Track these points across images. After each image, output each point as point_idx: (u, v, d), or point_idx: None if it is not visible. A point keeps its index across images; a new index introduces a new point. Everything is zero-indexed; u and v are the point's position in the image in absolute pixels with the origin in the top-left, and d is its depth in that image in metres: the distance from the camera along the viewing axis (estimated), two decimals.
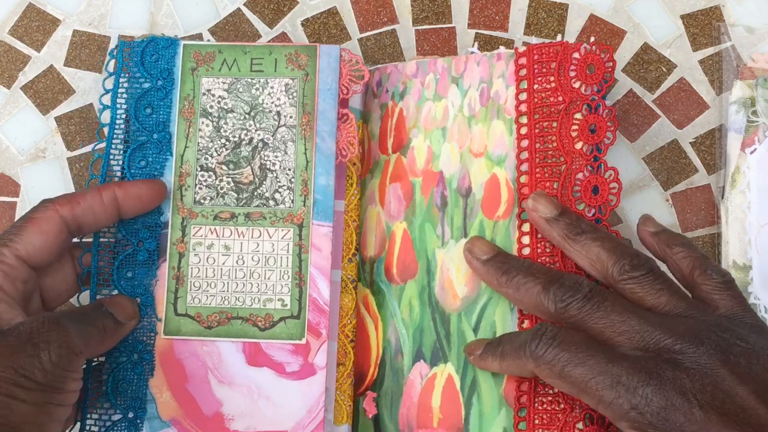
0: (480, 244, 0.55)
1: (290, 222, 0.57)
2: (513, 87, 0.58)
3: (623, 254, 0.50)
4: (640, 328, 0.47)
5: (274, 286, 0.57)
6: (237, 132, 0.59)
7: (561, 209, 0.53)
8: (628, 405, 0.44)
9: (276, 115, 0.59)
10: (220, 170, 0.58)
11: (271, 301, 0.57)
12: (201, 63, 0.60)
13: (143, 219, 0.58)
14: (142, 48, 0.60)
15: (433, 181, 0.59)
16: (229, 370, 0.56)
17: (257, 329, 0.56)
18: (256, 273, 0.57)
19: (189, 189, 0.58)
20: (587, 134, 0.55)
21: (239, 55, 0.60)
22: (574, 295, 0.49)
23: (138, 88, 0.60)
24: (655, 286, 0.49)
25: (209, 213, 0.58)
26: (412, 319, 0.57)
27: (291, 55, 0.59)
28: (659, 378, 0.44)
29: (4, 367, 0.45)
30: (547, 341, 0.48)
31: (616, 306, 0.48)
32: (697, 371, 0.44)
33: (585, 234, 0.51)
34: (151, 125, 0.59)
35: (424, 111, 0.60)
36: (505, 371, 0.52)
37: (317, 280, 0.56)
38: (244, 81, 0.59)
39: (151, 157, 0.59)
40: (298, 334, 0.56)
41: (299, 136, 0.58)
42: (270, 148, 0.58)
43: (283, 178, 0.58)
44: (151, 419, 0.56)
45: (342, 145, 0.58)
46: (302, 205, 0.57)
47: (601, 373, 0.45)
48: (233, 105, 0.59)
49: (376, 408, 0.57)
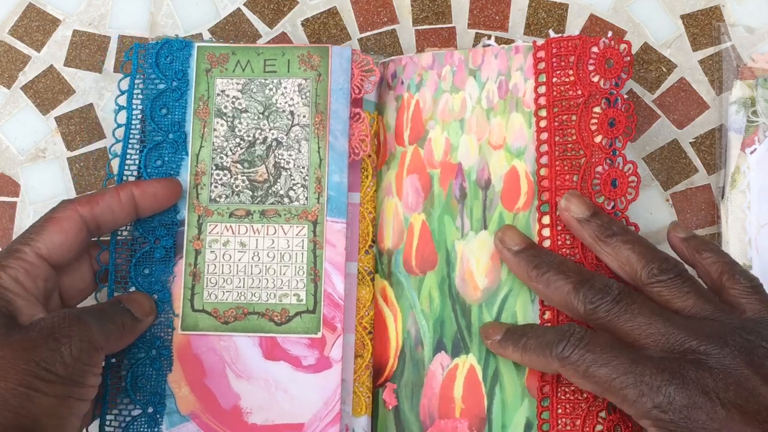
0: (512, 234, 0.56)
1: (305, 219, 0.58)
2: (532, 80, 0.59)
3: (653, 258, 0.51)
4: (666, 330, 0.47)
5: (290, 281, 0.57)
6: (251, 131, 0.60)
7: (593, 210, 0.54)
8: (651, 403, 0.45)
9: (289, 114, 0.60)
10: (235, 169, 0.59)
11: (286, 296, 0.57)
12: (215, 64, 0.61)
13: (160, 217, 0.58)
14: (157, 50, 0.61)
15: (451, 173, 0.59)
16: (246, 364, 0.57)
17: (273, 324, 0.57)
18: (271, 269, 0.58)
19: (204, 187, 0.59)
20: (606, 128, 0.56)
21: (252, 56, 0.61)
22: (604, 297, 0.50)
23: (153, 89, 0.61)
24: (682, 289, 0.50)
25: (225, 211, 0.59)
26: (432, 311, 0.57)
27: (304, 56, 0.60)
28: (682, 377, 0.45)
29: (26, 361, 0.45)
30: (575, 343, 0.48)
31: (644, 309, 0.49)
32: (721, 371, 0.45)
33: (616, 236, 0.52)
34: (166, 125, 0.60)
35: (441, 103, 0.60)
36: (525, 364, 0.53)
37: (332, 276, 0.57)
38: (257, 81, 0.60)
39: (167, 156, 0.59)
40: (314, 329, 0.57)
41: (312, 134, 0.59)
42: (284, 147, 0.59)
43: (297, 175, 0.59)
44: (170, 414, 0.56)
45: (354, 143, 0.59)
46: (316, 202, 0.58)
47: (625, 372, 0.46)
48: (247, 105, 0.60)
49: (396, 399, 0.57)
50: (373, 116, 0.61)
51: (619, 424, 0.52)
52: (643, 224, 0.62)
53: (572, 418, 0.53)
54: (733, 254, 0.59)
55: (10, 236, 0.65)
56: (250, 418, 0.56)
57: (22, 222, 0.65)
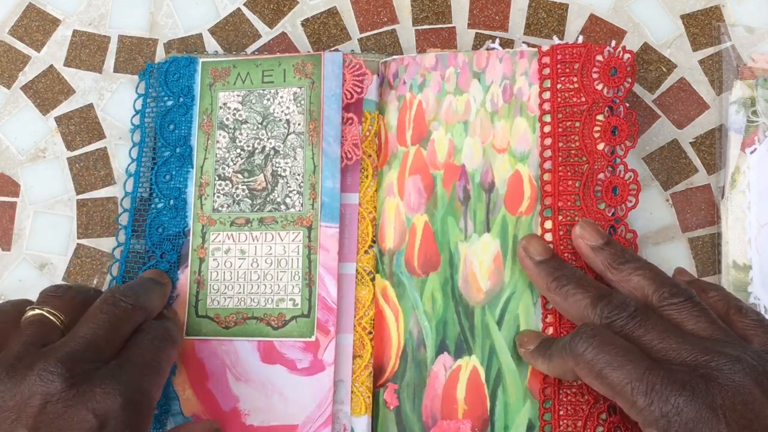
0: (536, 244, 0.56)
1: (300, 225, 0.59)
2: (536, 85, 0.59)
3: (663, 282, 0.52)
4: (678, 346, 0.48)
5: (286, 286, 0.59)
6: (251, 141, 0.61)
7: (606, 239, 0.55)
8: (659, 412, 0.45)
9: (285, 123, 0.61)
10: (236, 179, 0.61)
11: (283, 301, 0.59)
12: (218, 78, 0.62)
13: (167, 232, 0.60)
14: (166, 68, 0.63)
15: (455, 175, 0.59)
16: (245, 367, 0.58)
17: (270, 328, 0.58)
18: (269, 275, 0.59)
19: (208, 198, 0.60)
20: (609, 136, 0.57)
21: (252, 68, 0.62)
22: (620, 313, 0.50)
23: (162, 106, 0.62)
24: (693, 312, 0.50)
25: (226, 219, 0.60)
26: (435, 312, 0.58)
27: (298, 64, 0.61)
28: (692, 390, 0.45)
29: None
30: (587, 338, 0.49)
31: (658, 325, 0.49)
32: (730, 388, 0.45)
33: (628, 263, 0.53)
34: (174, 140, 0.62)
35: (444, 104, 0.60)
36: (552, 373, 0.54)
37: (325, 280, 0.58)
38: (256, 93, 0.61)
39: (174, 170, 0.61)
40: (308, 332, 0.58)
41: (307, 142, 0.60)
42: (281, 155, 0.61)
43: (293, 183, 0.60)
44: (175, 415, 0.58)
45: (347, 148, 0.60)
46: (311, 208, 0.59)
47: (638, 379, 0.46)
48: (247, 116, 0.61)
49: (397, 399, 0.57)
50: (373, 116, 0.61)
51: (620, 426, 0.53)
52: (643, 224, 0.62)
53: (574, 419, 0.54)
54: (733, 254, 0.60)
55: (10, 236, 0.64)
56: (248, 419, 0.57)
57: (21, 222, 0.65)
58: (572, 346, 0.49)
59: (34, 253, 0.64)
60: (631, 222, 0.60)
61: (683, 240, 0.62)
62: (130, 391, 0.47)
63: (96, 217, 0.64)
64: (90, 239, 0.64)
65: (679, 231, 0.62)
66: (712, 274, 0.61)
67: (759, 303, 0.59)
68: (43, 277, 0.63)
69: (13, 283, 0.64)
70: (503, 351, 0.56)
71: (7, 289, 0.63)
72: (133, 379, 0.48)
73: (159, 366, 0.51)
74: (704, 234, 0.62)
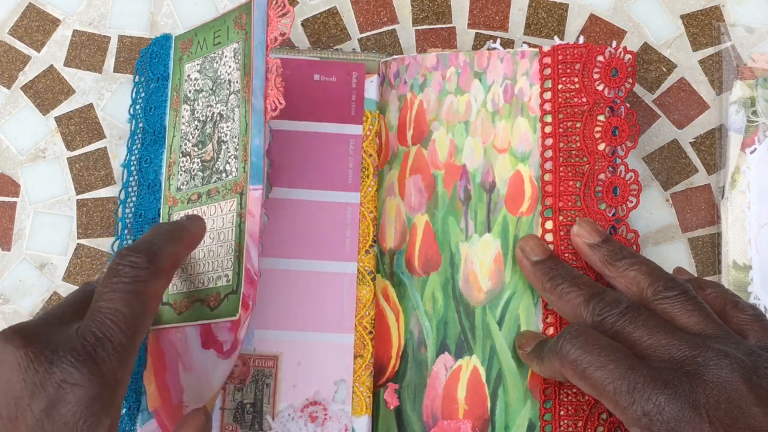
0: (533, 244, 0.56)
1: (235, 192, 0.54)
2: (537, 86, 0.59)
3: (659, 277, 0.52)
4: (667, 342, 0.48)
5: (222, 261, 0.53)
6: (205, 110, 0.57)
7: (604, 237, 0.55)
8: (641, 411, 0.45)
9: (228, 83, 0.56)
10: (193, 152, 0.57)
11: (220, 278, 0.53)
12: (184, 51, 0.60)
13: (145, 217, 0.59)
14: (150, 51, 0.62)
15: (456, 175, 0.59)
16: (191, 355, 0.53)
17: (209, 309, 0.53)
18: (211, 251, 0.54)
19: (174, 177, 0.58)
20: (610, 136, 0.57)
21: (207, 32, 0.59)
22: (611, 310, 0.50)
23: (147, 90, 0.61)
24: (686, 306, 0.50)
25: (185, 198, 0.57)
26: (436, 311, 0.58)
27: (237, 18, 0.56)
28: (675, 388, 0.45)
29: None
30: (570, 339, 0.49)
31: (648, 321, 0.49)
32: (716, 385, 0.45)
33: (625, 259, 0.53)
34: (153, 122, 0.60)
35: (445, 104, 0.60)
36: (545, 374, 0.54)
37: (251, 249, 0.52)
38: (209, 57, 0.58)
39: (152, 153, 0.60)
40: (233, 310, 0.52)
41: (242, 99, 0.54)
42: (224, 119, 0.56)
43: (231, 147, 0.55)
44: (141, 411, 0.56)
45: (272, 98, 0.53)
46: (243, 171, 0.53)
47: (620, 378, 0.46)
48: (203, 84, 0.58)
49: (398, 399, 0.57)
50: (374, 115, 0.61)
51: (620, 426, 0.54)
52: (643, 224, 0.62)
53: (574, 419, 0.54)
54: (732, 254, 0.60)
55: (10, 236, 0.64)
56: (186, 411, 0.52)
57: (21, 222, 0.64)
58: (557, 347, 0.49)
59: (34, 253, 0.64)
60: (631, 222, 0.60)
61: (683, 240, 0.62)
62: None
63: (96, 217, 0.64)
64: (90, 239, 0.64)
65: (679, 231, 0.62)
66: (712, 274, 0.61)
67: (759, 303, 0.59)
68: (43, 277, 0.63)
69: (13, 283, 0.63)
70: (504, 351, 0.56)
71: (7, 289, 0.63)
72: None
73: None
74: (704, 234, 0.63)
